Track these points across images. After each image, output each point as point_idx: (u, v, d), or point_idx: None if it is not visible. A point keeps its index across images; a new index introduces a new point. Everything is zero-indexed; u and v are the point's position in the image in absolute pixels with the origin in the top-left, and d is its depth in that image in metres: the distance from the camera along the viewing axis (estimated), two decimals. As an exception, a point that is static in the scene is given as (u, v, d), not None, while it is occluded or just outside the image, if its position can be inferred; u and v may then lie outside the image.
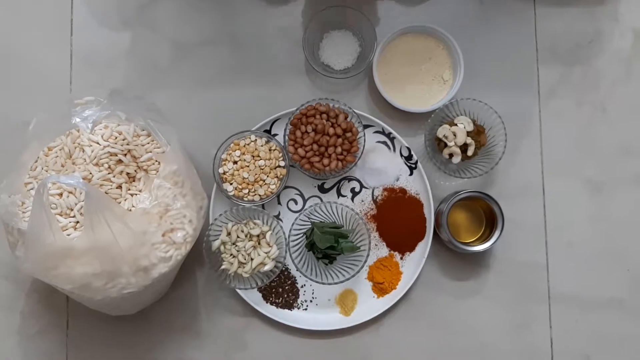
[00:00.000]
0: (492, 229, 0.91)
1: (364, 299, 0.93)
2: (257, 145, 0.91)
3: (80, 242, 0.70)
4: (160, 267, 0.75)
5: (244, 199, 0.90)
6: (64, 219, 0.75)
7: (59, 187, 0.75)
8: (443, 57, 0.95)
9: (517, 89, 0.96)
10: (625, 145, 0.96)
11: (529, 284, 0.94)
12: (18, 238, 0.75)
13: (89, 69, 0.95)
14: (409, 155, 0.94)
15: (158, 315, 0.92)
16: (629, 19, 0.97)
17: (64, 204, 0.75)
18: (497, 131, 0.91)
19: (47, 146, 0.79)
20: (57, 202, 0.74)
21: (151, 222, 0.74)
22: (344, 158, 0.90)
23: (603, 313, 0.94)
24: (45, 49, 0.95)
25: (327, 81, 0.95)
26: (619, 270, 0.95)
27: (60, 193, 0.75)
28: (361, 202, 0.94)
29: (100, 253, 0.70)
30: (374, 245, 0.93)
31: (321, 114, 0.90)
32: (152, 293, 0.83)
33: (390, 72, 0.95)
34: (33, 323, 0.93)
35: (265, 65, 0.95)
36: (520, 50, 0.97)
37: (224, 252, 0.89)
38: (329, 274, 0.90)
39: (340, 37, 0.94)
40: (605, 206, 0.95)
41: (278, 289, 0.92)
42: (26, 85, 0.95)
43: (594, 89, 0.97)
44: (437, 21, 0.94)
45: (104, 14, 0.96)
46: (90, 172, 0.77)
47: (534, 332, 0.94)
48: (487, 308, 0.94)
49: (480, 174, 0.91)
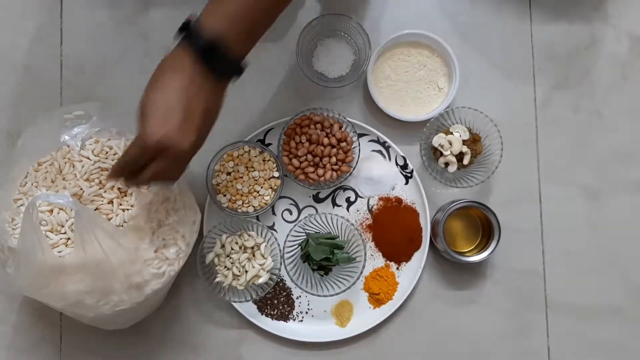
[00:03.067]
0: (489, 238, 0.90)
1: (360, 310, 0.92)
2: (250, 156, 0.90)
3: (71, 260, 0.69)
4: (153, 284, 0.74)
5: (238, 210, 0.89)
6: (54, 235, 0.74)
7: (49, 204, 0.74)
8: (438, 65, 0.94)
9: (513, 96, 0.96)
10: (622, 152, 0.96)
11: (526, 292, 0.94)
12: (9, 255, 0.74)
13: (79, 78, 0.94)
14: (405, 164, 0.93)
15: (153, 328, 0.91)
16: (624, 24, 0.97)
17: (55, 221, 0.74)
18: (493, 139, 0.90)
19: (37, 161, 0.78)
20: (48, 219, 0.73)
21: (143, 238, 0.73)
22: (338, 168, 0.89)
23: (600, 321, 0.94)
24: (35, 59, 0.94)
25: (321, 90, 0.94)
26: (616, 278, 0.94)
27: (50, 209, 0.74)
28: (357, 211, 0.93)
29: (91, 271, 0.69)
30: (370, 256, 0.92)
31: (315, 124, 0.89)
32: (146, 308, 0.82)
33: (385, 80, 0.94)
34: (26, 337, 0.92)
35: (258, 74, 0.94)
36: (516, 57, 0.96)
37: (218, 264, 0.88)
38: (324, 286, 0.89)
39: (334, 45, 0.93)
40: (603, 213, 0.95)
41: (273, 301, 0.92)
42: (16, 96, 0.94)
43: (590, 95, 0.96)
44: (432, 29, 0.93)
45: (94, 22, 0.95)
46: (81, 187, 0.75)
47: (531, 341, 0.93)
48: (484, 317, 0.93)
49: (476, 183, 0.90)
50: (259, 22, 0.69)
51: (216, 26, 0.66)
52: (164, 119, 0.65)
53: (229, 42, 0.66)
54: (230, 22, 0.66)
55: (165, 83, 0.66)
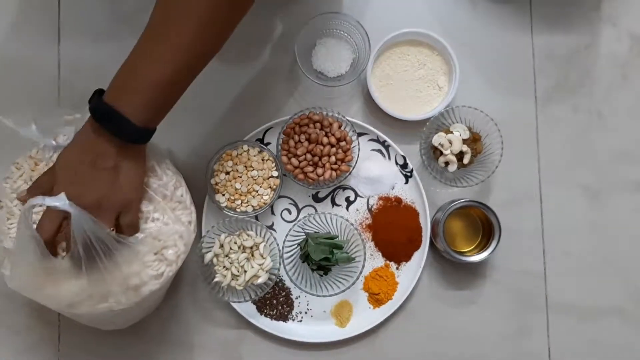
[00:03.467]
0: (490, 237, 0.90)
1: (359, 310, 0.92)
2: (249, 155, 0.89)
3: (67, 263, 0.68)
4: (151, 285, 0.73)
5: (236, 210, 0.89)
6: None
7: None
8: (438, 64, 0.93)
9: (514, 95, 0.95)
10: (623, 151, 0.95)
11: (526, 292, 0.93)
12: (4, 256, 0.73)
13: (77, 78, 0.93)
14: (405, 163, 0.93)
15: (151, 328, 0.91)
16: (625, 23, 0.96)
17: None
18: (494, 139, 0.90)
19: (34, 161, 0.77)
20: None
21: (143, 242, 0.73)
22: (338, 168, 0.89)
23: (601, 322, 0.93)
24: (33, 58, 0.93)
25: (320, 89, 0.93)
26: (617, 279, 0.94)
27: None
28: (356, 211, 0.93)
29: (88, 274, 0.69)
30: (370, 256, 0.92)
31: (314, 123, 0.89)
32: (144, 309, 0.82)
33: (385, 79, 0.93)
34: (24, 338, 0.91)
35: (257, 73, 0.94)
36: (516, 56, 0.96)
37: (217, 264, 0.87)
38: (323, 286, 0.88)
39: (334, 43, 0.93)
40: (603, 213, 0.94)
41: (272, 301, 0.91)
42: (13, 95, 0.93)
43: (590, 95, 0.96)
44: (432, 27, 0.92)
45: (91, 22, 0.94)
46: None
47: (531, 341, 0.93)
48: (484, 317, 0.93)
49: (476, 182, 0.89)
50: (161, 97, 0.70)
51: (113, 100, 0.69)
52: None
53: (126, 113, 0.68)
54: (128, 96, 0.69)
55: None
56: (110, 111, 0.68)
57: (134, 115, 0.68)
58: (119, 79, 0.70)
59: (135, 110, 0.68)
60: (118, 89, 0.69)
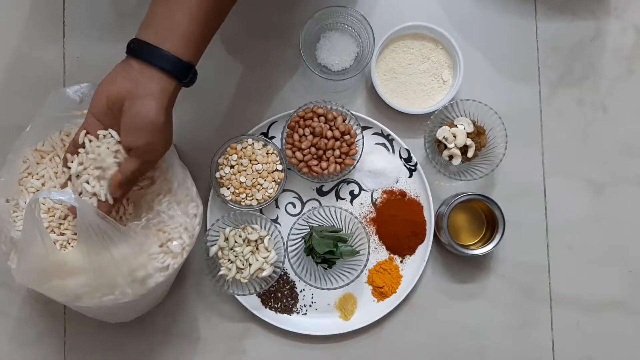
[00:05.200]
0: (494, 231, 0.90)
1: (364, 303, 0.92)
2: (254, 148, 0.90)
3: (74, 255, 0.68)
4: (156, 277, 0.74)
5: (241, 203, 0.89)
6: (57, 230, 0.73)
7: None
8: (442, 58, 0.93)
9: (518, 88, 0.95)
10: (627, 145, 0.95)
11: (530, 285, 0.94)
12: (11, 247, 0.74)
13: (82, 73, 0.93)
14: (409, 157, 0.93)
15: (156, 321, 0.92)
16: (630, 16, 0.96)
17: (57, 216, 0.73)
18: (498, 132, 0.90)
19: (41, 154, 0.78)
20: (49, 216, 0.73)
21: (147, 234, 0.73)
22: (342, 161, 0.89)
23: (605, 315, 0.93)
24: (37, 54, 0.94)
25: (324, 82, 0.93)
26: (621, 272, 0.94)
27: (49, 208, 0.74)
28: (360, 204, 0.93)
29: (94, 266, 0.69)
30: (374, 249, 0.92)
31: (319, 117, 0.89)
32: (149, 301, 0.82)
33: (389, 73, 0.93)
34: (30, 330, 0.92)
35: (262, 67, 0.94)
36: (521, 49, 0.95)
37: (222, 257, 0.88)
38: (328, 279, 0.89)
39: (338, 37, 0.93)
40: (607, 207, 0.94)
41: (277, 294, 0.92)
42: (19, 89, 0.94)
43: (594, 88, 0.95)
44: (436, 21, 0.92)
45: (97, 17, 0.94)
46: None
47: (535, 334, 0.93)
48: (488, 310, 0.93)
49: (480, 176, 0.89)
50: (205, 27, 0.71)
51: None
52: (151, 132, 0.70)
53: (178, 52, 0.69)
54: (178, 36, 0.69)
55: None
56: (153, 48, 0.68)
57: (177, 52, 0.68)
58: (153, 19, 0.70)
59: (177, 46, 0.68)
60: (154, 27, 0.69)
